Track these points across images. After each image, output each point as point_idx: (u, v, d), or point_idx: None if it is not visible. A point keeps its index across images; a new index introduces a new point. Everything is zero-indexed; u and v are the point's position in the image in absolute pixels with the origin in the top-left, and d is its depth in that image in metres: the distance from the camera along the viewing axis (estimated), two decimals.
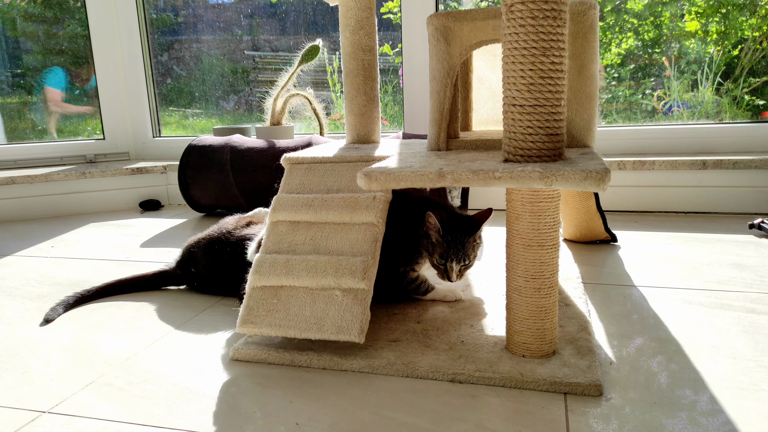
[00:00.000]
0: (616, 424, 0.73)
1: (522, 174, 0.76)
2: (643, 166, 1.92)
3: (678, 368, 0.87)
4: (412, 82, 2.26)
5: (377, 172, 0.85)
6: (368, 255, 0.95)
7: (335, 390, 0.84)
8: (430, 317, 1.06)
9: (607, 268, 1.36)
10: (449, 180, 0.81)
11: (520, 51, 0.79)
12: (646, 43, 2.45)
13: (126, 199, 2.40)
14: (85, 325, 1.13)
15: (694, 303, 1.12)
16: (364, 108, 1.24)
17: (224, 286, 1.24)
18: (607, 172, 0.74)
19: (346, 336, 0.89)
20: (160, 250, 1.68)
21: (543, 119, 0.80)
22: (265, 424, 0.76)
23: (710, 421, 0.74)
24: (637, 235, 1.65)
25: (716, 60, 2.29)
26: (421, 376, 0.87)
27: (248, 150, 1.99)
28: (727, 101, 2.31)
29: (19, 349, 1.03)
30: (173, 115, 2.84)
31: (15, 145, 2.56)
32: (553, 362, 0.87)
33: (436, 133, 1.06)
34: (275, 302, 0.95)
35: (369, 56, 1.22)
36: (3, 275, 1.48)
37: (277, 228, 1.04)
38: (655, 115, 2.41)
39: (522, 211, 0.84)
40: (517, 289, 0.87)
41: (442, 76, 1.03)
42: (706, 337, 0.97)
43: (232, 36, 2.80)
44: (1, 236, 1.94)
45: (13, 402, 0.84)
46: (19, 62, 2.81)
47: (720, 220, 1.80)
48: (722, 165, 1.85)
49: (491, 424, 0.74)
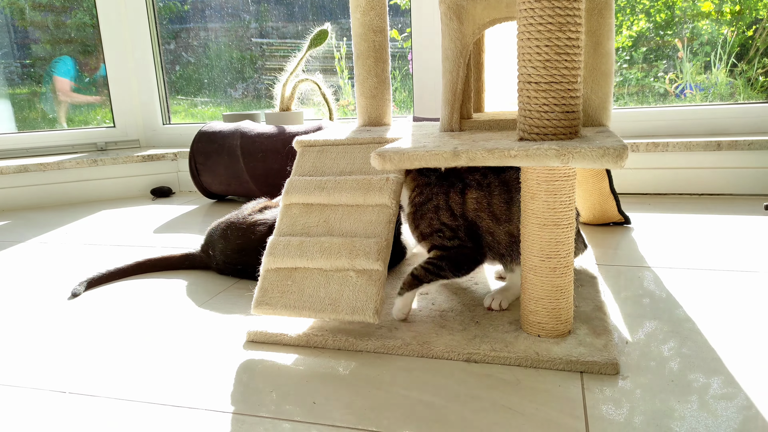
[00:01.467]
0: (633, 401, 0.73)
1: (538, 152, 0.75)
2: (657, 148, 1.89)
3: (694, 347, 0.87)
4: (421, 65, 2.25)
5: (391, 152, 0.84)
6: (382, 236, 0.95)
7: (351, 370, 0.85)
8: (444, 299, 1.06)
9: (620, 249, 1.35)
10: (464, 159, 0.80)
11: (535, 27, 0.78)
12: (658, 25, 2.42)
13: (137, 187, 2.41)
14: (105, 305, 1.14)
15: (709, 284, 1.12)
16: (376, 90, 1.23)
17: (240, 268, 1.26)
18: (625, 148, 0.73)
19: (361, 316, 0.89)
20: (173, 235, 1.69)
21: (559, 96, 0.79)
22: (281, 404, 0.77)
23: (724, 404, 0.73)
24: (651, 217, 1.64)
25: (730, 41, 2.26)
26: (436, 356, 0.87)
27: (258, 136, 1.99)
28: (741, 83, 2.28)
29: (49, 324, 1.04)
30: (181, 103, 2.84)
31: (27, 134, 2.57)
32: (569, 341, 0.86)
33: (449, 113, 1.05)
34: (289, 284, 0.95)
35: (380, 37, 1.21)
36: (20, 260, 1.50)
37: (291, 211, 1.04)
38: (668, 98, 2.38)
39: (537, 190, 0.83)
40: (533, 269, 0.86)
41: (455, 55, 1.02)
42: (721, 318, 0.97)
43: (239, 23, 2.79)
44: (15, 223, 1.96)
45: (34, 381, 0.85)
46: (29, 52, 2.82)
47: (735, 201, 1.78)
48: (737, 146, 1.83)
49: (508, 402, 0.74)
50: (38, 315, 1.12)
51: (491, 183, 0.96)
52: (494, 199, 0.95)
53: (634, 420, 0.69)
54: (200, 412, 0.76)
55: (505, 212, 0.95)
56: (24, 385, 0.85)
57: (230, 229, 1.25)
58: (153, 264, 1.36)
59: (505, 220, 0.95)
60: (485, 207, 0.95)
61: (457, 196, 0.97)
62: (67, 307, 1.16)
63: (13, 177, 2.23)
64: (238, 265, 1.24)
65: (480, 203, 0.95)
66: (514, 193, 0.94)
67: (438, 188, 0.98)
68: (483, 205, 0.95)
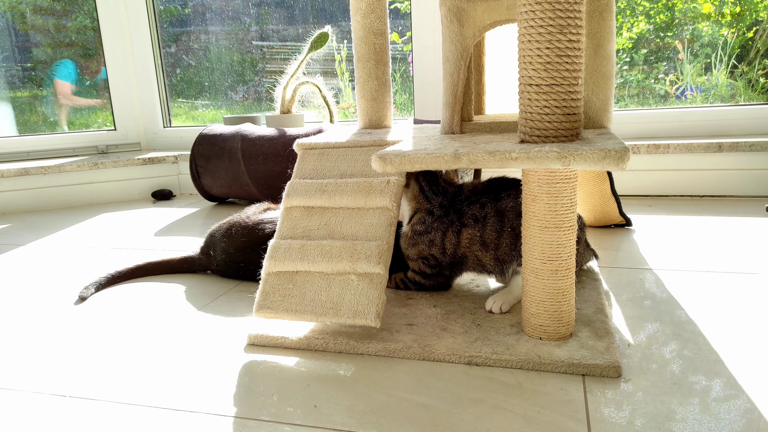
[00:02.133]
0: (636, 404, 0.73)
1: (539, 154, 0.75)
2: (658, 149, 1.89)
3: (696, 350, 0.87)
4: (422, 68, 2.25)
5: (392, 155, 0.84)
6: (383, 239, 0.95)
7: (352, 373, 0.85)
8: (445, 301, 1.06)
9: (622, 251, 1.35)
10: (465, 161, 0.80)
11: (536, 29, 0.78)
12: (658, 26, 2.42)
13: (138, 189, 2.41)
14: (105, 308, 1.13)
15: (710, 286, 1.11)
16: (376, 92, 1.23)
17: (242, 266, 1.26)
18: (626, 151, 0.73)
19: (363, 320, 0.89)
20: (174, 238, 1.69)
21: (560, 98, 0.79)
22: (282, 407, 0.76)
23: (726, 406, 0.73)
24: (652, 218, 1.64)
25: (730, 42, 2.26)
26: (437, 359, 0.87)
27: (259, 138, 1.99)
28: (742, 84, 2.28)
29: (51, 328, 1.04)
30: (182, 106, 2.85)
31: (28, 137, 2.57)
32: (571, 344, 0.86)
33: (449, 115, 1.05)
34: (291, 287, 0.95)
35: (380, 40, 1.21)
36: (23, 264, 1.50)
37: (291, 214, 1.04)
38: (668, 100, 2.38)
39: (539, 193, 0.83)
40: (534, 272, 0.86)
41: (456, 58, 1.02)
42: (722, 320, 0.96)
43: (239, 26, 2.79)
44: (16, 227, 1.96)
45: (36, 384, 0.85)
46: (30, 56, 2.82)
47: (736, 203, 1.78)
48: (738, 147, 1.83)
49: (509, 405, 0.74)
50: (39, 319, 1.12)
51: (487, 215, 1.03)
52: (487, 230, 1.03)
53: (636, 423, 0.69)
54: (201, 416, 0.75)
55: (494, 240, 1.03)
56: (24, 389, 0.85)
57: (234, 228, 1.26)
58: (152, 267, 1.35)
59: (493, 247, 1.03)
60: (477, 240, 1.04)
61: (453, 236, 1.05)
62: (67, 311, 1.16)
63: (15, 180, 2.23)
64: (241, 263, 1.24)
65: (473, 239, 1.04)
66: (505, 223, 1.02)
67: (438, 224, 1.06)
68: (475, 239, 1.04)
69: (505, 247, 1.02)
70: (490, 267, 1.05)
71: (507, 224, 1.02)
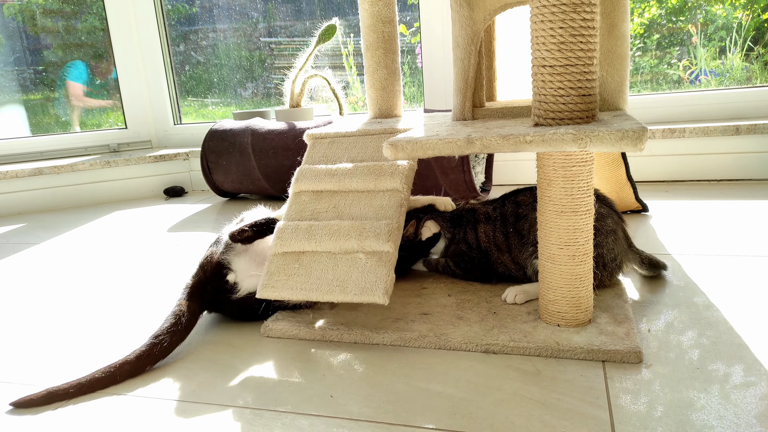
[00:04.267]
0: (658, 390, 0.71)
1: (554, 137, 0.74)
2: (673, 134, 1.86)
3: (716, 335, 0.85)
4: (430, 57, 2.23)
5: (403, 142, 0.83)
6: (393, 219, 0.93)
7: (368, 363, 0.84)
8: (460, 290, 1.05)
9: (639, 237, 1.33)
10: (478, 146, 0.79)
11: (549, 8, 0.76)
12: (670, 10, 2.37)
13: (150, 187, 2.42)
14: (113, 307, 1.14)
15: (728, 270, 1.09)
16: (386, 81, 1.22)
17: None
18: (644, 131, 0.71)
19: (370, 297, 0.87)
20: (187, 234, 1.69)
21: (575, 79, 0.77)
22: (299, 398, 0.76)
23: (745, 393, 0.71)
24: (669, 204, 1.61)
25: (745, 25, 2.21)
26: (454, 347, 0.86)
27: (269, 132, 1.98)
28: (758, 67, 2.23)
29: (59, 326, 1.04)
30: (192, 104, 2.85)
31: (40, 137, 2.59)
32: (590, 330, 0.84)
33: (461, 102, 1.04)
34: (296, 267, 0.94)
35: (389, 28, 1.19)
36: (38, 263, 1.51)
37: (300, 198, 1.03)
38: (682, 85, 2.34)
39: (554, 177, 0.81)
40: (551, 257, 0.85)
41: (466, 43, 1.01)
42: (742, 305, 0.94)
43: (247, 23, 2.79)
44: (31, 226, 1.97)
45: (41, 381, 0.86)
46: (41, 58, 2.84)
47: (755, 186, 1.75)
48: (756, 130, 1.79)
49: (528, 392, 0.73)
50: (51, 317, 1.13)
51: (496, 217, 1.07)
52: (497, 232, 1.06)
53: (659, 409, 0.68)
54: (216, 408, 0.75)
55: (504, 243, 1.05)
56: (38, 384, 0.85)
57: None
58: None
59: (505, 249, 1.04)
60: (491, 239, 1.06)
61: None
62: (81, 308, 1.16)
63: (28, 180, 2.25)
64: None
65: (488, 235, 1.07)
66: (509, 226, 1.04)
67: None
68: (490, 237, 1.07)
69: (516, 250, 1.03)
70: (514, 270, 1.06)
71: (510, 228, 1.04)
